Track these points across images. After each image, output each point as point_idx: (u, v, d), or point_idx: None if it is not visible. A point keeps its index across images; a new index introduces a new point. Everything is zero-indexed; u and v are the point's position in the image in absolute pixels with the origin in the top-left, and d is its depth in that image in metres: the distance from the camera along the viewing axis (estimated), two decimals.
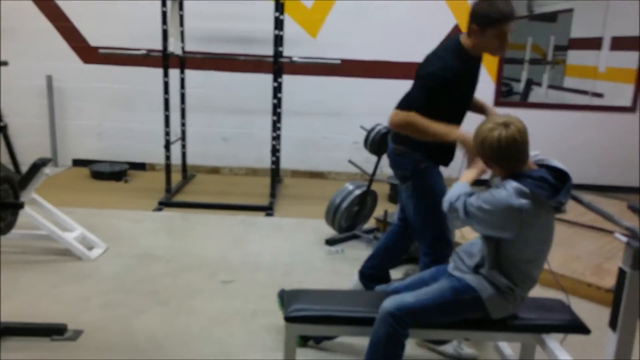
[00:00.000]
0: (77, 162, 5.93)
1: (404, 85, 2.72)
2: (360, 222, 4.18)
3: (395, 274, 3.25)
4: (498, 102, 5.76)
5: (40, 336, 2.58)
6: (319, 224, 4.21)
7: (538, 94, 6.42)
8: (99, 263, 3.50)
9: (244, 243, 3.97)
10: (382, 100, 5.66)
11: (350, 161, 4.20)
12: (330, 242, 3.96)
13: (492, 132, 1.87)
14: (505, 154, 1.88)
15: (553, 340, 2.06)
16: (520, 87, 6.48)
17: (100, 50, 5.01)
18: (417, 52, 5.66)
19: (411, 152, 2.58)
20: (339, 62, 4.82)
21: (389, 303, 2.01)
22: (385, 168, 5.69)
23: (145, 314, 2.89)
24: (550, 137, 5.58)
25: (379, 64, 5.67)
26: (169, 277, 3.36)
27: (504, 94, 6.49)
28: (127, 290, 3.15)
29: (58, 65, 5.71)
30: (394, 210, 3.99)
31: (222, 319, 2.87)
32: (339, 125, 5.79)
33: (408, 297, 2.03)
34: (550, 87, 6.40)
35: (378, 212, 4.20)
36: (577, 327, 2.07)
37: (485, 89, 5.68)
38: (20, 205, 2.24)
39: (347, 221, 4.05)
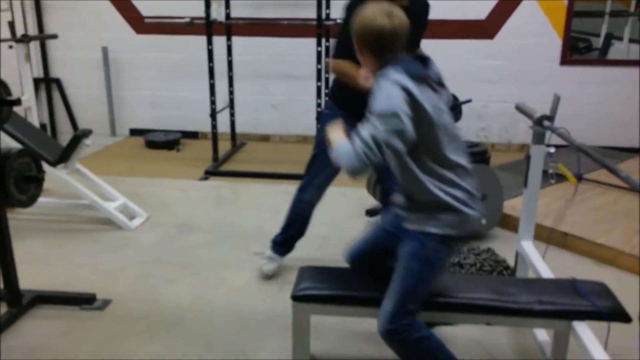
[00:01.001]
0: (134, 132, 6.08)
1: (457, 45, 2.49)
2: None
3: None
4: (566, 60, 5.29)
5: (71, 305, 2.66)
6: (364, 193, 4.07)
7: (619, 50, 5.85)
8: (138, 232, 3.56)
9: (282, 213, 3.90)
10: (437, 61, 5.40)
11: None
12: (370, 212, 3.82)
13: (375, 21, 1.75)
14: (385, 44, 1.77)
15: (584, 327, 1.84)
16: (599, 42, 5.93)
17: (147, 20, 5.03)
18: (472, 9, 5.36)
19: None
20: None
21: (379, 326, 1.81)
22: None
23: (174, 285, 2.91)
24: (633, 97, 5.11)
25: (430, 23, 5.32)
26: (204, 247, 3.36)
27: (581, 51, 5.96)
28: (161, 260, 3.19)
29: (113, 36, 5.81)
30: None
31: (247, 292, 2.83)
32: None
33: (386, 305, 1.82)
34: (633, 41, 5.79)
35: None
36: (615, 314, 1.83)
37: (549, 45, 5.27)
38: (41, 179, 2.26)
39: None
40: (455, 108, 3.65)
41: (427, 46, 4.47)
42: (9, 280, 2.38)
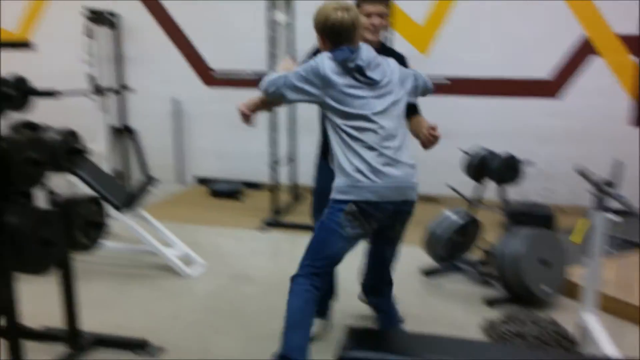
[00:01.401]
0: (200, 180, 6.30)
1: (519, 104, 2.47)
2: (462, 252, 3.89)
3: None
4: (637, 121, 5.08)
5: (126, 349, 2.72)
6: (419, 251, 3.99)
7: None
8: (195, 281, 3.63)
9: (338, 267, 3.88)
10: (495, 120, 5.34)
11: (449, 185, 3.94)
12: (427, 272, 3.73)
13: (335, 12, 2.16)
14: (340, 34, 2.17)
15: None
16: None
17: (214, 74, 5.29)
18: (535, 67, 5.30)
19: None
20: (447, 82, 4.59)
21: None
22: (491, 194, 5.32)
23: (225, 336, 2.92)
24: None
25: (492, 82, 5.31)
26: (258, 299, 3.37)
27: None
28: (214, 310, 3.22)
29: (184, 88, 6.14)
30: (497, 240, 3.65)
31: None
32: (449, 146, 5.48)
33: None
34: None
35: (483, 243, 3.87)
36: None
37: (618, 104, 5.09)
38: (105, 225, 2.37)
39: (445, 251, 3.79)
40: (515, 168, 3.57)
41: (491, 104, 4.50)
42: (72, 322, 2.48)
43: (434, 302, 3.39)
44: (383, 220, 2.24)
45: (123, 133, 6.36)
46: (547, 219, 4.65)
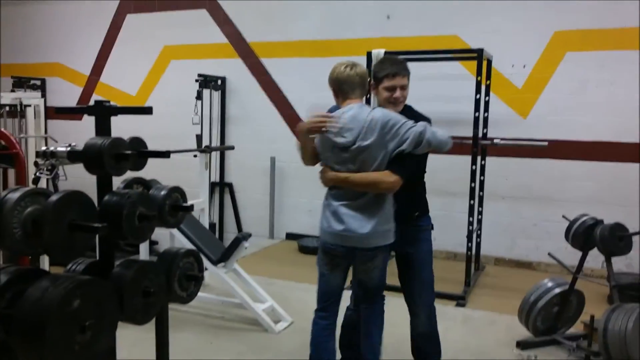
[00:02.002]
0: (290, 236, 6.43)
1: (625, 169, 2.37)
2: (562, 325, 3.63)
3: None
4: None
5: None
6: (514, 321, 3.78)
7: None
8: (281, 337, 3.66)
9: (399, 327, 3.76)
10: (600, 186, 5.05)
11: (550, 254, 3.73)
12: (522, 344, 3.51)
13: (341, 67, 2.68)
14: (342, 88, 2.69)
15: None
16: None
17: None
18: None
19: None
20: (545, 144, 4.44)
21: None
22: (598, 263, 4.96)
23: None
24: None
25: (597, 145, 5.06)
26: None
27: None
28: None
29: (281, 147, 6.39)
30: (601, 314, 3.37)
31: None
32: (550, 212, 5.24)
33: None
34: None
35: (585, 316, 3.59)
36: None
37: None
38: (201, 278, 2.47)
39: (544, 323, 3.56)
40: (624, 239, 3.33)
41: (595, 169, 4.29)
42: None
43: None
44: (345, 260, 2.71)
45: (222, 188, 6.69)
46: None
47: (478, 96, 4.43)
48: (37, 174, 2.52)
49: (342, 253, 2.67)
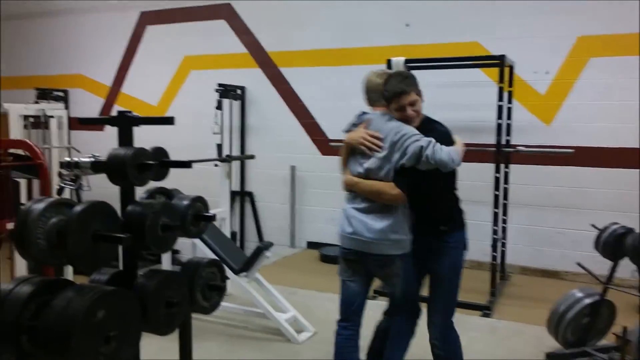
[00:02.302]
0: (311, 245, 6.40)
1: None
2: (593, 337, 3.53)
3: None
4: None
5: None
6: (543, 332, 3.69)
7: None
8: (303, 347, 3.62)
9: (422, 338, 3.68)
10: (628, 194, 4.92)
11: (579, 264, 3.63)
12: (551, 357, 3.41)
13: (372, 75, 2.73)
14: (370, 95, 2.72)
15: None
16: None
17: (331, 144, 5.46)
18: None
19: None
20: (571, 151, 4.36)
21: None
22: (627, 272, 4.83)
23: None
24: None
25: (621, 152, 4.94)
26: None
27: None
28: None
29: (301, 156, 6.39)
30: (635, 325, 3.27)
31: None
32: (577, 220, 5.14)
33: None
34: None
35: (616, 327, 3.49)
36: None
37: None
38: (224, 288, 2.45)
39: (574, 334, 3.46)
40: None
41: (624, 176, 4.19)
42: None
43: None
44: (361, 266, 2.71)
45: (242, 197, 6.70)
46: None
47: (500, 103, 4.37)
48: (61, 184, 2.53)
49: (355, 258, 2.68)
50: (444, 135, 2.58)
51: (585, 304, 3.38)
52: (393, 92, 2.55)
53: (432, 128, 2.64)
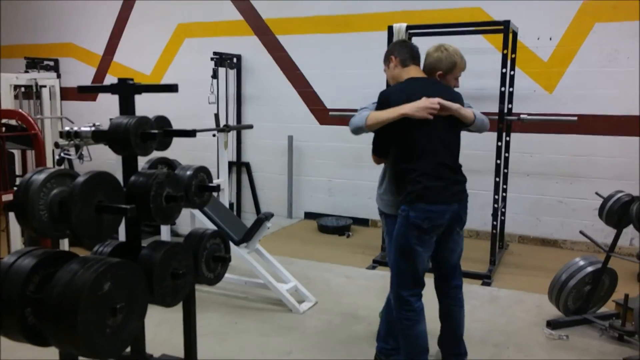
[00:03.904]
0: (308, 215, 6.37)
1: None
2: (594, 305, 3.54)
3: None
4: None
5: None
6: (543, 300, 3.71)
7: None
8: (305, 317, 3.62)
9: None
10: (631, 161, 4.90)
11: (582, 232, 3.62)
12: (552, 324, 3.43)
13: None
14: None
15: None
16: None
17: (330, 113, 5.38)
18: None
19: None
20: (575, 119, 4.31)
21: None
22: (626, 241, 4.85)
23: None
24: None
25: (627, 119, 4.90)
26: (367, 341, 3.27)
27: None
28: (324, 349, 3.17)
29: (298, 126, 6.30)
30: (636, 293, 3.28)
31: None
32: (577, 189, 5.13)
33: None
34: None
35: (617, 295, 3.51)
36: None
37: None
38: (228, 259, 2.42)
39: (575, 302, 3.47)
40: None
41: (629, 143, 4.15)
42: (190, 352, 2.53)
43: (563, 357, 3.08)
44: None
45: (238, 168, 6.63)
46: None
47: (504, 70, 4.29)
48: (62, 154, 2.46)
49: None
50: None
51: (588, 272, 3.39)
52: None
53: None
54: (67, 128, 1.93)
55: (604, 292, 3.55)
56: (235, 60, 6.39)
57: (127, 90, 1.93)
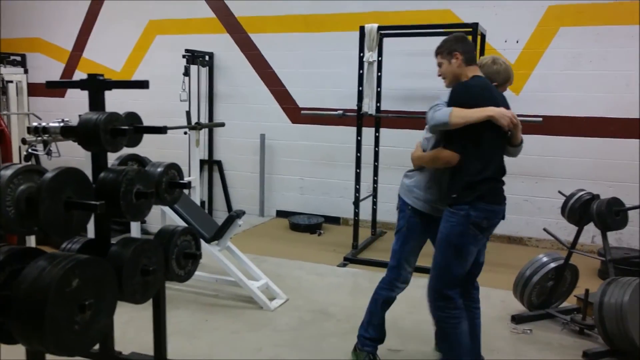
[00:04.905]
0: (280, 213, 6.39)
1: (620, 145, 2.35)
2: (556, 299, 3.66)
3: None
4: None
5: None
6: (508, 296, 3.80)
7: None
8: (276, 314, 3.64)
9: (420, 309, 3.74)
10: (593, 162, 5.07)
11: (546, 230, 3.74)
12: (517, 318, 3.53)
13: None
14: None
15: None
16: None
17: (302, 112, 5.41)
18: (637, 107, 4.99)
19: None
20: (540, 120, 4.43)
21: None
22: (587, 238, 4.99)
23: None
24: None
25: (590, 121, 5.06)
26: (338, 337, 3.32)
27: None
28: (295, 345, 3.20)
29: (271, 124, 6.32)
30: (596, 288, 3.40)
31: None
32: (542, 188, 5.27)
33: None
34: None
35: (578, 290, 3.63)
36: None
37: None
38: (199, 256, 2.43)
39: (539, 297, 3.58)
40: (620, 213, 3.35)
41: (591, 144, 4.26)
42: (161, 351, 2.53)
43: (527, 351, 3.18)
44: None
45: (210, 166, 6.61)
46: None
47: None
48: (30, 150, 2.43)
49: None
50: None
51: (551, 268, 3.49)
52: None
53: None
54: (34, 124, 1.92)
55: (566, 288, 3.67)
56: (207, 58, 6.37)
57: (96, 85, 1.92)
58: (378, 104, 5.30)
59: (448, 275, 2.62)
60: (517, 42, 5.22)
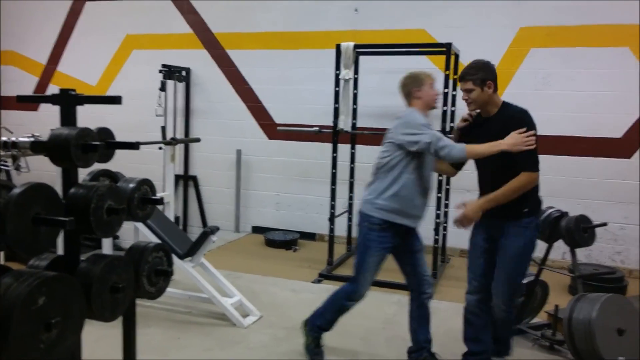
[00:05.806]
0: (256, 229, 6.37)
1: (589, 163, 2.43)
2: (527, 315, 3.71)
3: None
4: None
5: None
6: None
7: None
8: (250, 331, 3.62)
9: (393, 326, 3.78)
10: (562, 179, 5.18)
11: None
12: None
13: None
14: None
15: None
16: None
17: (279, 128, 5.44)
18: (608, 126, 5.13)
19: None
20: None
21: None
22: (558, 254, 5.08)
23: None
24: None
25: (559, 140, 5.18)
26: None
27: None
28: None
29: (247, 140, 6.32)
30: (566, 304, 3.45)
31: None
32: None
33: None
34: None
35: (549, 306, 3.68)
36: None
37: None
38: (170, 273, 2.40)
39: None
40: (588, 230, 3.42)
41: (560, 162, 4.34)
42: None
43: None
44: None
45: (185, 181, 6.57)
46: (618, 284, 4.41)
47: (446, 90, 4.47)
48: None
49: None
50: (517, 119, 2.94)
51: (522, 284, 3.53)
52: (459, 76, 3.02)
53: (508, 110, 3.00)
54: (4, 138, 1.90)
55: (536, 304, 3.72)
56: (184, 73, 6.36)
57: (68, 100, 1.91)
58: (354, 121, 5.35)
59: (519, 286, 3.02)
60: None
